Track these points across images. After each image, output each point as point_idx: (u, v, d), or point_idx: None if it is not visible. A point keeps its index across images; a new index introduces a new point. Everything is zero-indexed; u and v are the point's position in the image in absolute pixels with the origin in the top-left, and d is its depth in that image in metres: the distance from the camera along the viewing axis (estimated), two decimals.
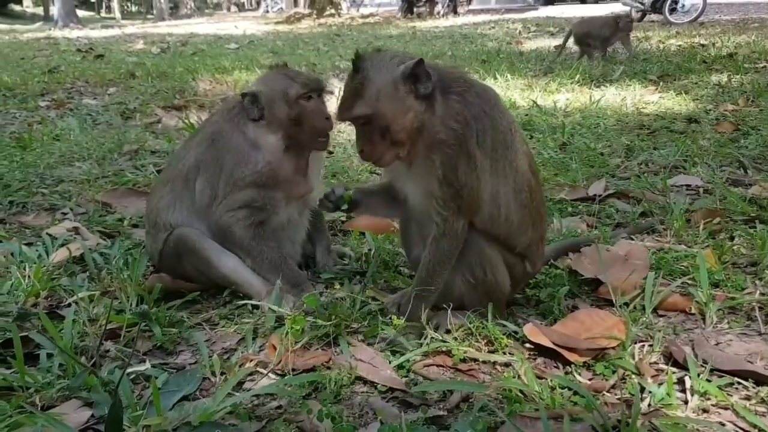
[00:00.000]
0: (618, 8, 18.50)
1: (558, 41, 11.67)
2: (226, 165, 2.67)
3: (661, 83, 7.37)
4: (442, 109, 2.15)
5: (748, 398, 1.90)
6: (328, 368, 2.11)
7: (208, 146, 2.73)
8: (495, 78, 8.11)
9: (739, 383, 1.95)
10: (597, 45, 9.54)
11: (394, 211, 2.55)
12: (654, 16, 17.55)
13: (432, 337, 2.21)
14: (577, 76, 7.87)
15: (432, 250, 2.25)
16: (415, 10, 27.25)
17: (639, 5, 17.48)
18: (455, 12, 26.86)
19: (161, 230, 2.75)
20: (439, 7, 26.76)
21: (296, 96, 2.64)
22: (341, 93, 2.20)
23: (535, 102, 6.54)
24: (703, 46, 10.49)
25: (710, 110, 5.96)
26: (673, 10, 16.62)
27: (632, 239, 3.08)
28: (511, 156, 2.23)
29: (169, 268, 2.76)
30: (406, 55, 2.20)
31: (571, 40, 9.91)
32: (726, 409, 1.84)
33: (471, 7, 29.51)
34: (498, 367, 2.10)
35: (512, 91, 7.36)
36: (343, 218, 3.57)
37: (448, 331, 2.25)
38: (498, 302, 2.34)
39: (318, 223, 3.04)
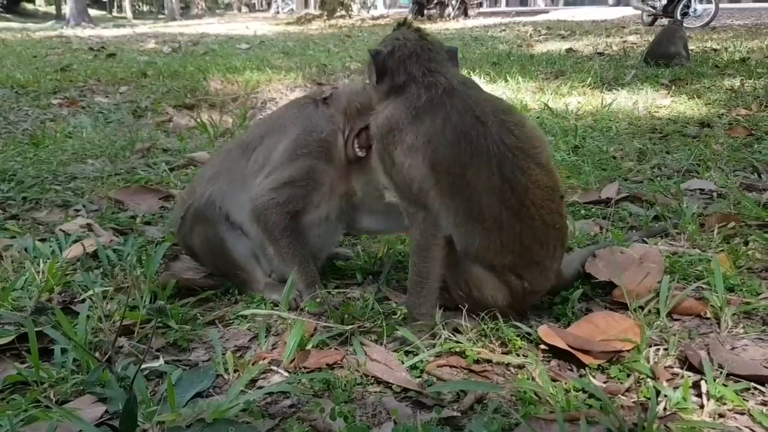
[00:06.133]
0: (629, 12, 18.46)
1: (569, 44, 11.59)
2: (290, 132, 2.63)
3: (673, 87, 7.33)
4: None
5: (764, 403, 1.88)
6: (341, 367, 2.11)
7: (276, 119, 2.79)
8: (506, 80, 8.09)
9: (755, 388, 1.93)
10: None
11: None
12: (665, 21, 17.50)
13: (445, 338, 2.20)
14: (589, 79, 7.85)
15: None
16: (425, 12, 27.26)
17: (650, 9, 17.42)
18: (466, 14, 26.83)
19: (194, 195, 2.74)
20: (449, 10, 26.76)
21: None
22: None
23: (546, 105, 6.52)
24: (715, 50, 10.42)
25: (723, 115, 5.92)
26: (685, 15, 16.51)
27: (646, 242, 3.06)
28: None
29: (182, 238, 2.81)
30: None
31: None
32: (742, 414, 1.82)
33: (481, 9, 29.50)
34: (512, 368, 2.09)
35: (523, 93, 7.34)
36: None
37: (460, 332, 2.25)
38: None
39: None
